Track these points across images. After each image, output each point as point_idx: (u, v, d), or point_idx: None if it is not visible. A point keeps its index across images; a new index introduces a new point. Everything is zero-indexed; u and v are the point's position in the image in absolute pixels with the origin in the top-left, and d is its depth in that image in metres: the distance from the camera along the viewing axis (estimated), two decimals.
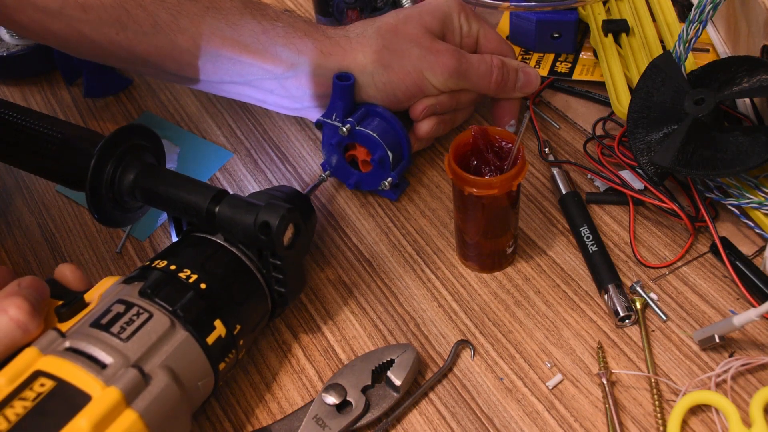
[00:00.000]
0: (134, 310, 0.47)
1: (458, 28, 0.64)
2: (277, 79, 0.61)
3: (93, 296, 0.49)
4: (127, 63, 0.63)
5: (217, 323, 0.49)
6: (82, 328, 0.46)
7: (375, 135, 0.61)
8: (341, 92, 0.61)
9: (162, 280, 0.49)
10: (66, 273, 0.52)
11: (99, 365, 0.43)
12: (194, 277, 0.49)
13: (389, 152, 0.62)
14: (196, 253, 0.52)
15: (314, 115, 0.64)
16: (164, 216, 0.67)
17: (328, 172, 0.65)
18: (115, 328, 0.45)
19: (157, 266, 0.50)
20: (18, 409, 0.41)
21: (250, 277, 0.52)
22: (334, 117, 0.61)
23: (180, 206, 0.53)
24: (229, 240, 0.53)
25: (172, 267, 0.50)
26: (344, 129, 0.61)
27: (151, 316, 0.47)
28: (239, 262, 0.52)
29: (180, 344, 0.47)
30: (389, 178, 0.63)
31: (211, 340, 0.48)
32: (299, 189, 0.67)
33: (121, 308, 0.47)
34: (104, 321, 0.46)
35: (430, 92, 0.62)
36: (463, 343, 0.56)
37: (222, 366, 0.49)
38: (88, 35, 0.59)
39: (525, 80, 0.66)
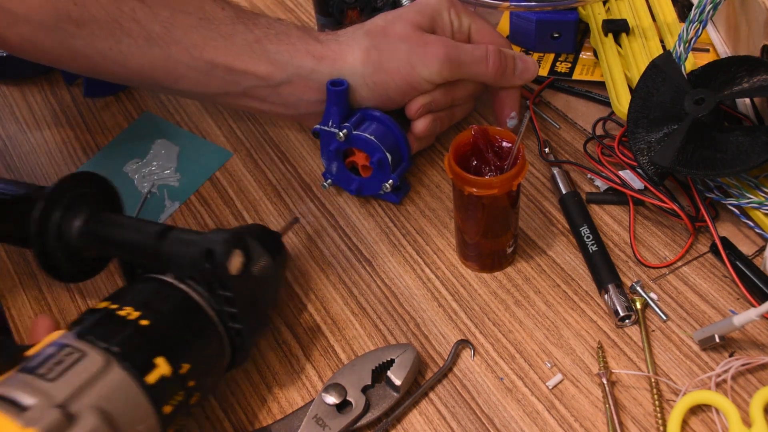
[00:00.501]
0: (66, 351, 0.44)
1: (449, 24, 0.64)
2: (271, 87, 0.61)
3: (37, 349, 0.47)
4: (121, 78, 0.62)
5: (159, 361, 0.46)
6: (13, 376, 0.44)
7: (372, 138, 0.61)
8: (335, 97, 0.61)
9: (99, 319, 0.47)
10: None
11: (19, 408, 0.41)
12: (136, 314, 0.47)
13: (388, 154, 0.61)
14: (139, 291, 0.50)
15: (310, 121, 0.64)
16: (165, 213, 0.67)
17: (321, 189, 0.64)
18: (43, 370, 0.43)
19: (98, 307, 0.48)
20: None
21: (199, 313, 0.49)
22: (330, 124, 0.61)
23: (127, 249, 0.51)
24: (179, 277, 0.50)
25: (113, 306, 0.48)
26: (341, 134, 0.61)
27: (83, 355, 0.44)
28: (187, 298, 0.50)
29: (114, 383, 0.44)
30: (390, 181, 0.63)
31: (152, 379, 0.45)
32: (299, 189, 0.67)
33: (52, 350, 0.44)
34: (33, 364, 0.44)
35: (423, 88, 0.62)
36: (463, 343, 0.56)
37: (168, 409, 0.46)
38: (82, 51, 0.59)
39: (523, 66, 0.65)
